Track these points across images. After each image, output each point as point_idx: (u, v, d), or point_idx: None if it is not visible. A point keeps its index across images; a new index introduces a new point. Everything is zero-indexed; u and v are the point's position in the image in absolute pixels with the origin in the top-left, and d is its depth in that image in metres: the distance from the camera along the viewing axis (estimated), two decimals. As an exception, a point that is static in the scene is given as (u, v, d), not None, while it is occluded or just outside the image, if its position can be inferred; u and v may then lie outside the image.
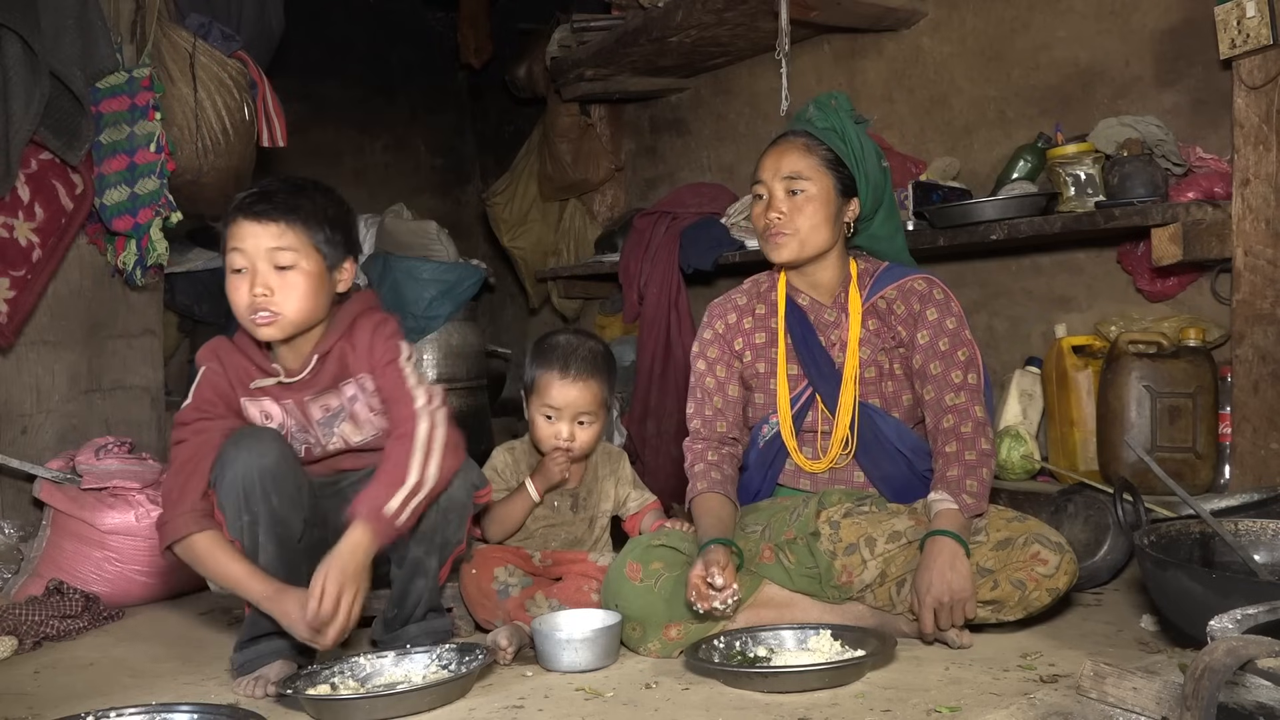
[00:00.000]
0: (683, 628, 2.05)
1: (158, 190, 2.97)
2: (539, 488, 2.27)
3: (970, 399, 2.17)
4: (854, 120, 2.26)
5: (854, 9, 3.25)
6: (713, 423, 2.31)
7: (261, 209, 1.99)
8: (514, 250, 4.88)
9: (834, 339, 2.26)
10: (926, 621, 1.96)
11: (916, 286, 2.25)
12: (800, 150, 2.21)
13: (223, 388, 2.05)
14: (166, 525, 1.94)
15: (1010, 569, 1.97)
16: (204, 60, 3.10)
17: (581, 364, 2.30)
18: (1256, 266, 2.36)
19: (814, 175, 2.19)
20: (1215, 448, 2.53)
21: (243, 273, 1.99)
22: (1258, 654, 1.24)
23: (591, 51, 3.92)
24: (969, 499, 2.06)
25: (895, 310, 2.25)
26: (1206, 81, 2.66)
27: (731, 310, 2.36)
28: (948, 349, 2.19)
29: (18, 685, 2.08)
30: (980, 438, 2.14)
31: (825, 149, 2.21)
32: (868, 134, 2.30)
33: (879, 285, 2.27)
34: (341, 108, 5.09)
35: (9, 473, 2.88)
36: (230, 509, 1.93)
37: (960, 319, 2.23)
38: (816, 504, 2.17)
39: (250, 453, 1.93)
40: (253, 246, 1.98)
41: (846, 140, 2.21)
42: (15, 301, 2.87)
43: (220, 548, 1.93)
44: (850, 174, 2.22)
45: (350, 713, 1.78)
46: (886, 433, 2.22)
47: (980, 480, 2.09)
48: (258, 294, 1.97)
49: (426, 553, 2.06)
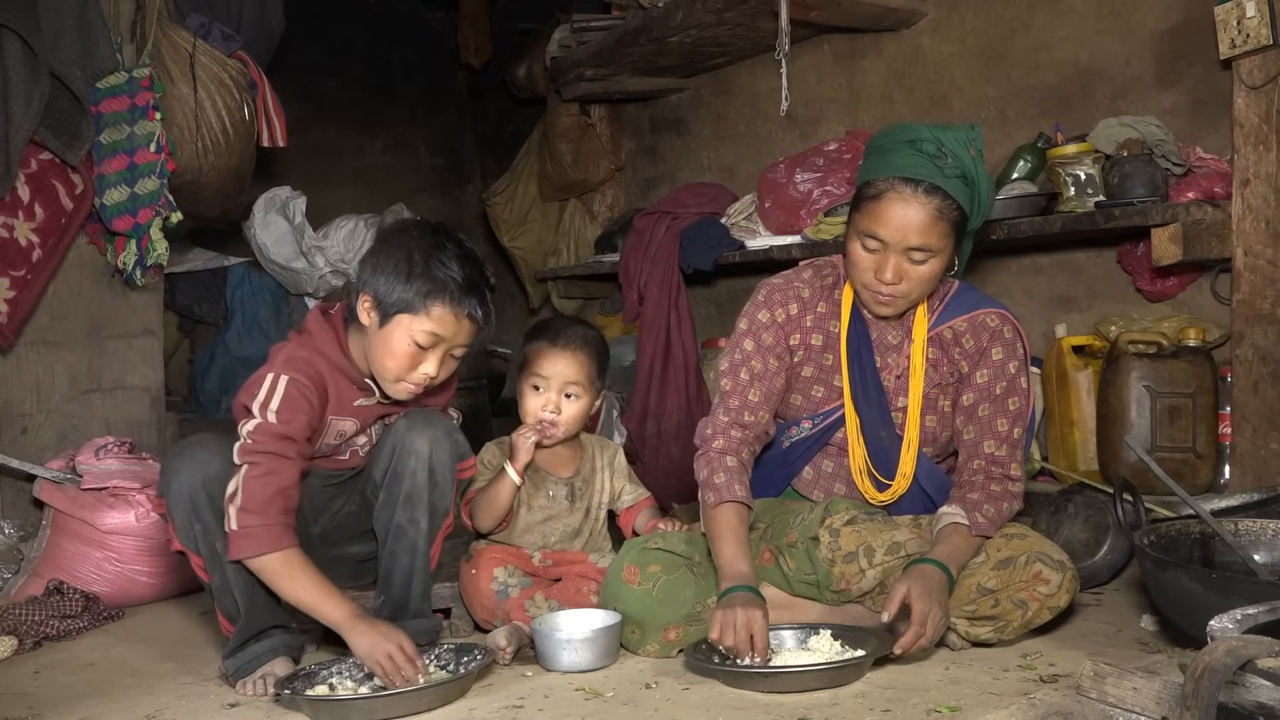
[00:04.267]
0: (681, 629, 2.05)
1: (158, 190, 2.97)
2: (517, 468, 2.26)
3: (1009, 453, 2.09)
4: (978, 154, 2.01)
5: (854, 9, 3.24)
6: (756, 409, 2.14)
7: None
8: (514, 250, 4.88)
9: (890, 363, 2.16)
10: (909, 641, 1.83)
11: (989, 322, 2.12)
12: (931, 218, 1.95)
13: (309, 408, 1.99)
14: (247, 537, 1.87)
15: (1012, 589, 1.94)
16: (204, 60, 3.10)
17: (572, 336, 2.32)
18: (1256, 266, 2.36)
19: (942, 246, 1.98)
20: (1215, 448, 2.53)
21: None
22: (1258, 654, 1.24)
23: (591, 51, 3.92)
24: (981, 519, 2.00)
25: (962, 344, 2.13)
26: (1206, 81, 2.66)
27: (794, 300, 2.18)
28: (1002, 394, 2.10)
29: (18, 685, 2.08)
30: (1008, 496, 2.06)
31: (955, 208, 1.97)
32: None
33: (949, 313, 2.14)
34: (341, 108, 5.09)
35: (9, 473, 2.89)
36: (180, 519, 1.93)
37: (1023, 363, 2.12)
38: (823, 511, 2.14)
39: (195, 462, 1.92)
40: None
41: (976, 187, 1.99)
42: (15, 301, 2.87)
43: (299, 566, 1.90)
44: (966, 216, 2.01)
45: (349, 713, 1.78)
46: (916, 473, 2.16)
47: (999, 511, 2.03)
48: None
49: (410, 519, 2.04)
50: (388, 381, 2.03)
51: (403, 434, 2.05)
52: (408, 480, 2.03)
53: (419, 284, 1.96)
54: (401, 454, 2.04)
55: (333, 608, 1.89)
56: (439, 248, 1.99)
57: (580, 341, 2.32)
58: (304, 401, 1.97)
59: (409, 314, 1.97)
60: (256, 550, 1.86)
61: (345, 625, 1.88)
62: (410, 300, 1.97)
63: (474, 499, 2.29)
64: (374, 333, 2.01)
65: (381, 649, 1.83)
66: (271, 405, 1.94)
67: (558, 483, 2.36)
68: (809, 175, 3.24)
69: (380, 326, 2.00)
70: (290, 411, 1.95)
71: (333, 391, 2.04)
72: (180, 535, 1.94)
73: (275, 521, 1.87)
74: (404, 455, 2.04)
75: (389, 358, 1.99)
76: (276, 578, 1.89)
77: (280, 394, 1.95)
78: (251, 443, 1.91)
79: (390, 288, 1.98)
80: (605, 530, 2.42)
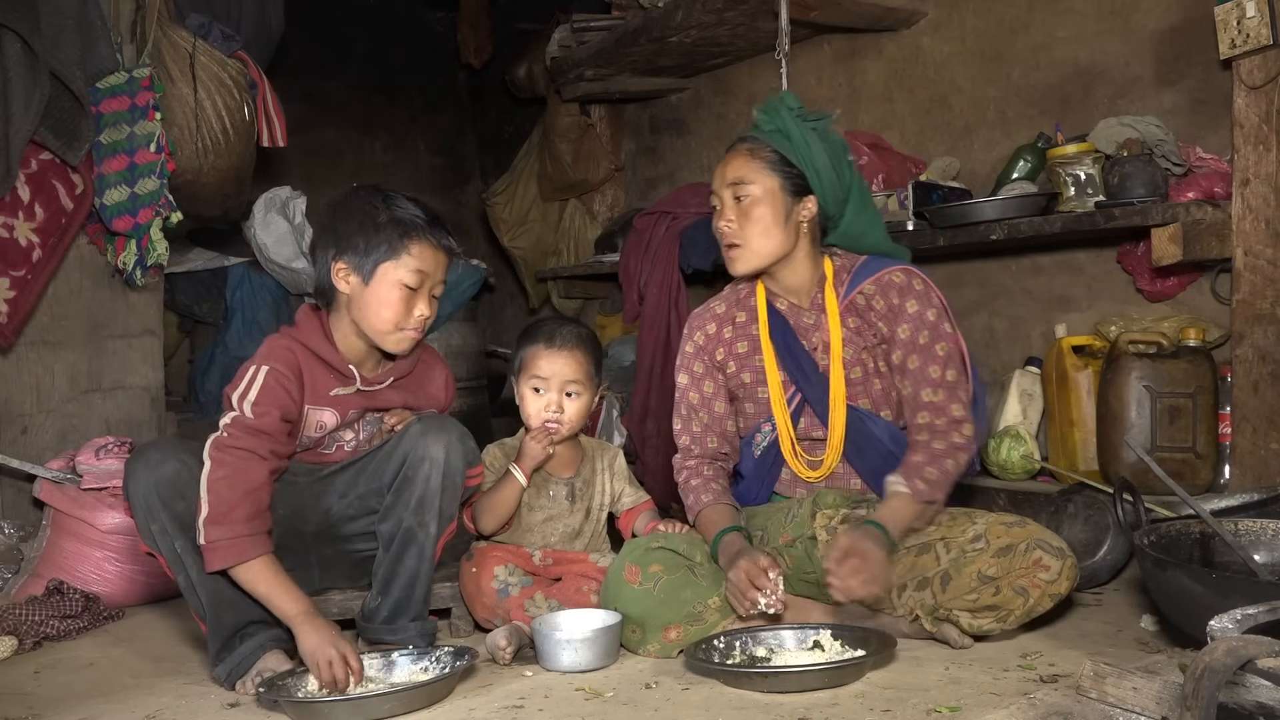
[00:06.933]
0: (682, 629, 2.05)
1: (158, 190, 2.97)
2: (525, 470, 2.27)
3: (948, 396, 2.15)
4: (804, 118, 2.20)
5: (854, 9, 3.24)
6: (702, 439, 2.32)
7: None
8: (514, 250, 4.89)
9: (815, 342, 2.25)
10: (837, 583, 1.92)
11: (894, 279, 2.21)
12: (744, 155, 2.19)
13: (287, 398, 2.02)
14: (214, 551, 1.88)
15: (1013, 576, 1.95)
16: (204, 60, 3.10)
17: (567, 336, 2.33)
18: (1256, 266, 2.36)
19: (757, 178, 2.16)
20: (1215, 448, 2.53)
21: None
22: (1258, 654, 1.24)
23: (591, 51, 3.92)
24: (921, 484, 2.05)
25: (874, 305, 2.22)
26: (1206, 81, 2.66)
27: (710, 320, 2.35)
28: (927, 342, 2.17)
29: (18, 685, 2.08)
30: (954, 431, 2.12)
31: (770, 150, 2.18)
32: (833, 130, 2.25)
33: (856, 280, 2.24)
34: (341, 108, 5.09)
35: (9, 473, 2.89)
36: (140, 520, 1.95)
37: (941, 310, 2.20)
38: (811, 504, 2.17)
39: (148, 464, 1.94)
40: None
41: (791, 139, 2.17)
42: (15, 301, 2.87)
43: (264, 574, 1.92)
44: (800, 172, 2.18)
45: (331, 714, 1.78)
46: (877, 434, 2.21)
47: (942, 470, 2.08)
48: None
49: (420, 522, 2.05)
50: (387, 335, 2.07)
51: (417, 438, 2.04)
52: (420, 485, 2.03)
53: (389, 230, 2.05)
54: (415, 458, 2.04)
55: (287, 601, 1.91)
56: (388, 198, 2.09)
57: (575, 340, 2.33)
58: (281, 391, 2.00)
59: (391, 260, 2.05)
60: (224, 564, 1.90)
61: (296, 620, 1.90)
62: (388, 247, 2.04)
63: (477, 502, 2.29)
64: (359, 296, 2.07)
65: (324, 653, 1.85)
66: (249, 397, 1.98)
67: (558, 483, 2.36)
68: (809, 175, 3.24)
69: (365, 285, 2.06)
70: (266, 403, 1.98)
71: (308, 379, 2.06)
72: (143, 536, 1.97)
73: (240, 534, 1.89)
74: (417, 460, 2.04)
75: (385, 308, 2.05)
76: (243, 583, 1.93)
77: (258, 385, 1.99)
78: (226, 437, 1.94)
79: (363, 245, 2.05)
80: (605, 532, 2.42)
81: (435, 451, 2.03)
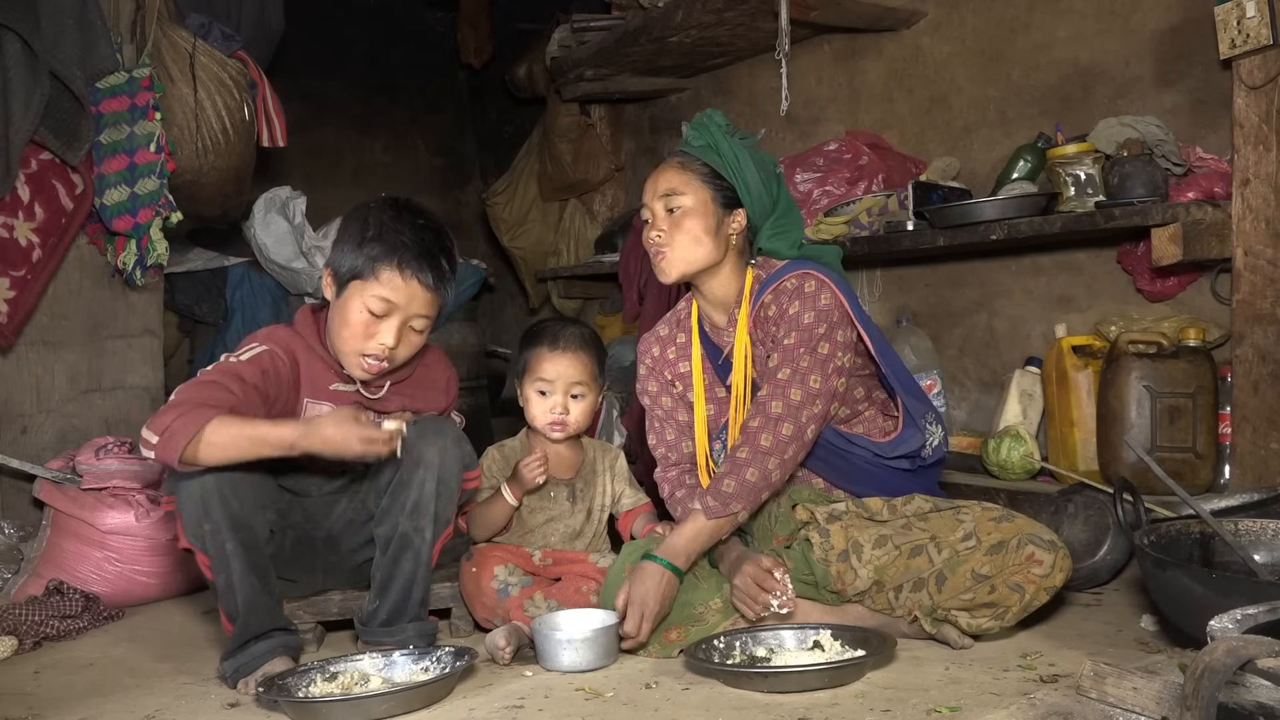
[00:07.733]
0: (682, 630, 2.05)
1: (158, 190, 2.97)
2: (515, 493, 2.27)
3: (773, 392, 2.09)
4: (732, 135, 2.23)
5: (854, 9, 3.24)
6: (677, 445, 2.32)
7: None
8: (514, 250, 4.89)
9: (730, 351, 2.25)
10: (633, 623, 2.00)
11: (788, 285, 2.16)
12: (675, 168, 2.23)
13: (279, 376, 2.01)
14: (171, 436, 1.79)
15: (1007, 573, 1.94)
16: (204, 60, 3.10)
17: (570, 337, 2.34)
18: (1256, 266, 2.36)
19: (689, 189, 2.19)
20: (1215, 448, 2.53)
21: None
22: (1258, 654, 1.24)
23: (591, 51, 3.92)
24: (713, 501, 2.06)
25: (769, 313, 2.20)
26: (1206, 81, 2.66)
27: (655, 344, 2.38)
28: (792, 344, 2.12)
29: (18, 685, 2.08)
30: (764, 433, 2.07)
31: (701, 164, 2.21)
32: (757, 147, 2.27)
33: (761, 291, 2.21)
34: (341, 108, 5.09)
35: (9, 473, 2.89)
36: (189, 517, 1.92)
37: (822, 315, 2.11)
38: (788, 500, 2.19)
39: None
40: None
41: (721, 154, 2.20)
42: (15, 301, 2.87)
43: (236, 422, 1.83)
44: (731, 185, 2.20)
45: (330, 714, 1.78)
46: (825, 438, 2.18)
47: (740, 481, 2.06)
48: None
49: (416, 527, 2.04)
50: (345, 355, 2.04)
51: (412, 441, 2.03)
52: (415, 489, 2.03)
53: (369, 249, 2.00)
54: (410, 462, 2.03)
55: (281, 430, 1.87)
56: (396, 218, 2.04)
57: (579, 342, 2.33)
58: (271, 366, 2.00)
59: (360, 280, 2.01)
60: (186, 436, 1.79)
61: (304, 432, 1.86)
62: (360, 266, 2.00)
63: (471, 511, 2.30)
64: (333, 307, 2.05)
65: (352, 433, 1.84)
66: (239, 355, 2.00)
67: (559, 484, 2.36)
68: (809, 175, 3.24)
69: (336, 297, 2.04)
70: (254, 366, 1.97)
71: (306, 372, 2.06)
72: (188, 533, 1.94)
73: (189, 408, 1.81)
74: (412, 464, 2.03)
75: (344, 327, 2.02)
76: (222, 447, 1.83)
77: (253, 353, 2.00)
78: (199, 375, 1.94)
79: (345, 257, 2.02)
80: (605, 533, 2.42)
81: (430, 456, 2.03)
